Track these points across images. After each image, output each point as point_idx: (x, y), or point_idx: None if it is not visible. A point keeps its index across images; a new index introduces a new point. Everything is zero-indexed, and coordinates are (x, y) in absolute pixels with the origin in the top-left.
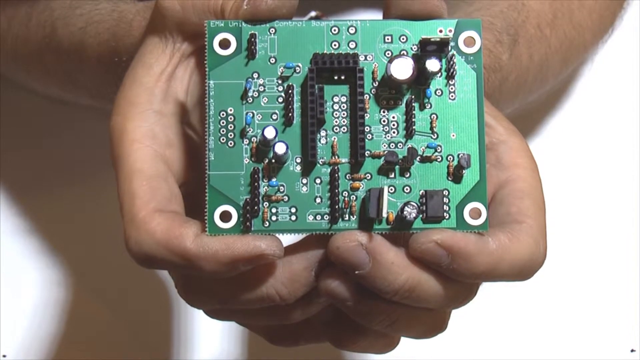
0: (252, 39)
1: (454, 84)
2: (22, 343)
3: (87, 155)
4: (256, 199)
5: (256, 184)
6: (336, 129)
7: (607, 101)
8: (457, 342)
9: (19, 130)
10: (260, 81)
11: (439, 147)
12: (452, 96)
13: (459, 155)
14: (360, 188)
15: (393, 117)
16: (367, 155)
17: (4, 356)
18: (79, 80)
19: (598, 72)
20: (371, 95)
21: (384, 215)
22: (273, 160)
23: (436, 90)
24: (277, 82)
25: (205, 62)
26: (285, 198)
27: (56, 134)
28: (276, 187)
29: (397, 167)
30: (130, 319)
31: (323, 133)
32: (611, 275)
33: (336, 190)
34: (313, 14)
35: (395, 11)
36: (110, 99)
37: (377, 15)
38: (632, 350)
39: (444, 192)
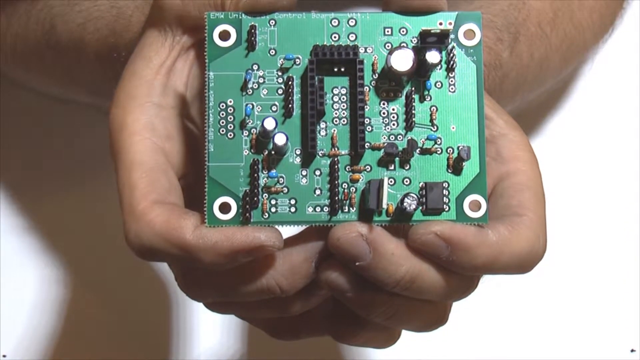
0: (252, 31)
1: (454, 77)
2: (22, 342)
3: (86, 154)
4: (255, 191)
5: (256, 175)
6: (336, 121)
7: (607, 101)
8: (456, 341)
9: (19, 130)
10: (260, 73)
11: (438, 139)
12: (452, 88)
13: (458, 147)
14: (360, 180)
15: (393, 109)
16: (367, 147)
17: (4, 356)
18: (78, 77)
19: (598, 72)
20: (371, 87)
21: (384, 206)
22: (273, 152)
23: (436, 82)
24: (277, 73)
25: (205, 54)
26: (285, 189)
27: (56, 133)
28: (276, 179)
29: (397, 159)
30: (129, 316)
31: (323, 125)
32: (611, 275)
33: (336, 182)
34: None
35: (394, 6)
36: (110, 96)
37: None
38: (632, 350)
39: (444, 184)
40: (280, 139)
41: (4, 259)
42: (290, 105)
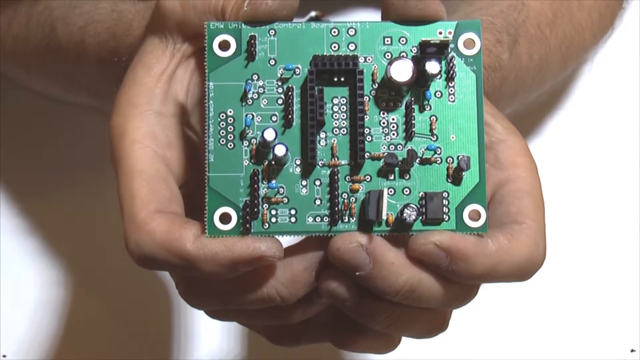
0: (252, 41)
1: (453, 86)
2: (22, 343)
3: (87, 155)
4: (256, 201)
5: (256, 185)
6: (336, 131)
7: (607, 101)
8: (457, 343)
9: (19, 130)
10: (260, 83)
11: (438, 149)
12: (451, 98)
13: (458, 157)
14: (360, 190)
15: (393, 119)
16: (366, 157)
17: (4, 356)
18: (78, 80)
19: (598, 72)
20: (371, 97)
21: (384, 217)
22: (273, 162)
23: (436, 92)
24: (277, 83)
25: (205, 63)
26: (285, 200)
27: (56, 134)
28: (276, 189)
29: (396, 169)
30: (130, 319)
31: (323, 135)
32: (611, 275)
33: (336, 192)
34: (313, 14)
35: (394, 15)
36: (110, 99)
37: (377, 15)
38: (632, 350)
39: (444, 194)
40: (280, 150)
41: (5, 260)
42: (290, 116)
